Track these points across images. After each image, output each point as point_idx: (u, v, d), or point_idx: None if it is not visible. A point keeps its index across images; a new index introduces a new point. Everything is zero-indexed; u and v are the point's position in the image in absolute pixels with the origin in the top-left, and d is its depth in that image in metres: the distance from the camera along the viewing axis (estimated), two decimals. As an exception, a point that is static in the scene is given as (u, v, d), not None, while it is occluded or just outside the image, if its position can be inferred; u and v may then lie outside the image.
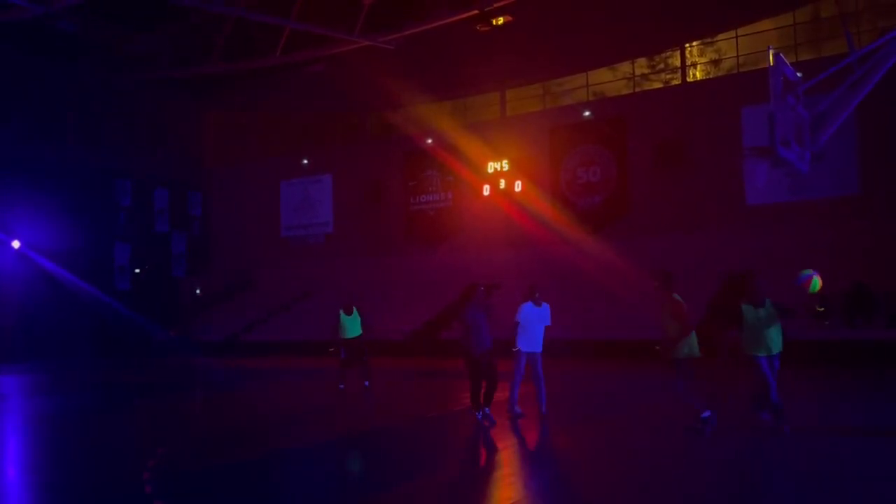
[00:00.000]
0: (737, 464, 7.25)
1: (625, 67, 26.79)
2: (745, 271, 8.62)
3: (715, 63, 25.39)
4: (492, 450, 8.31)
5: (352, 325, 13.70)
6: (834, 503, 5.89)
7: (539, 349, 9.81)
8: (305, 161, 33.24)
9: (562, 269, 24.43)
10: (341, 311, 13.75)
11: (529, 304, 9.77)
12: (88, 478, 7.54)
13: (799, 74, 9.64)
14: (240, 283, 34.37)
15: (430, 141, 29.07)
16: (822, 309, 17.95)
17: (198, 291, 34.48)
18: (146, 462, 7.70)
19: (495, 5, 22.49)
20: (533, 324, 9.69)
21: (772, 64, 8.90)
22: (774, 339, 8.32)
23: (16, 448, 9.81)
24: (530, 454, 8.22)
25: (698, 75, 25.65)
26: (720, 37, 25.03)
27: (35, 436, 10.89)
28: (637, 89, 26.49)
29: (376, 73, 26.01)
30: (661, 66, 26.37)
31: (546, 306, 9.85)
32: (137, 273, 32.68)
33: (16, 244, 27.37)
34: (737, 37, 24.47)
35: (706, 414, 8.08)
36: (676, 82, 25.60)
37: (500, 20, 23.06)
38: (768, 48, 9.17)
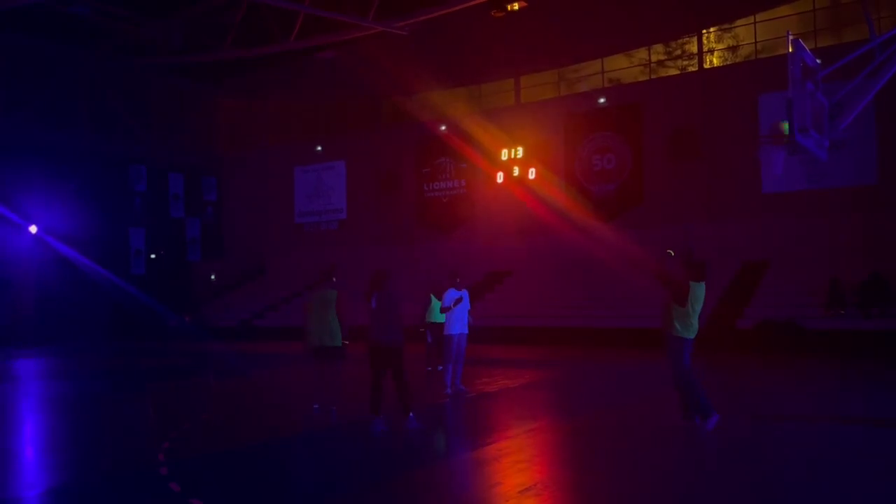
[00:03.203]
0: (746, 453, 7.21)
1: (641, 54, 26.51)
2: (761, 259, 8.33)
3: (732, 49, 25.07)
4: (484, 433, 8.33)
5: None
6: (843, 494, 5.85)
7: (466, 331, 10.84)
8: (319, 147, 33.29)
9: (575, 257, 24.37)
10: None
11: (452, 290, 10.71)
12: (104, 459, 7.62)
13: (818, 61, 9.52)
14: (253, 268, 34.57)
15: (443, 128, 28.96)
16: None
17: (212, 277, 34.71)
18: (161, 444, 7.79)
19: (510, -9, 22.32)
20: (457, 308, 10.65)
21: (790, 50, 8.79)
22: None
23: (33, 430, 9.93)
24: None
25: (715, 62, 25.35)
26: (738, 23, 24.70)
27: (51, 418, 11.03)
28: (653, 76, 26.23)
29: (390, 59, 25.92)
30: (678, 52, 26.07)
31: (465, 291, 10.92)
32: (153, 257, 32.94)
33: (33, 229, 27.65)
34: (755, 23, 24.14)
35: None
36: (693, 69, 25.32)
37: (515, 6, 22.87)
38: (787, 34, 9.06)
